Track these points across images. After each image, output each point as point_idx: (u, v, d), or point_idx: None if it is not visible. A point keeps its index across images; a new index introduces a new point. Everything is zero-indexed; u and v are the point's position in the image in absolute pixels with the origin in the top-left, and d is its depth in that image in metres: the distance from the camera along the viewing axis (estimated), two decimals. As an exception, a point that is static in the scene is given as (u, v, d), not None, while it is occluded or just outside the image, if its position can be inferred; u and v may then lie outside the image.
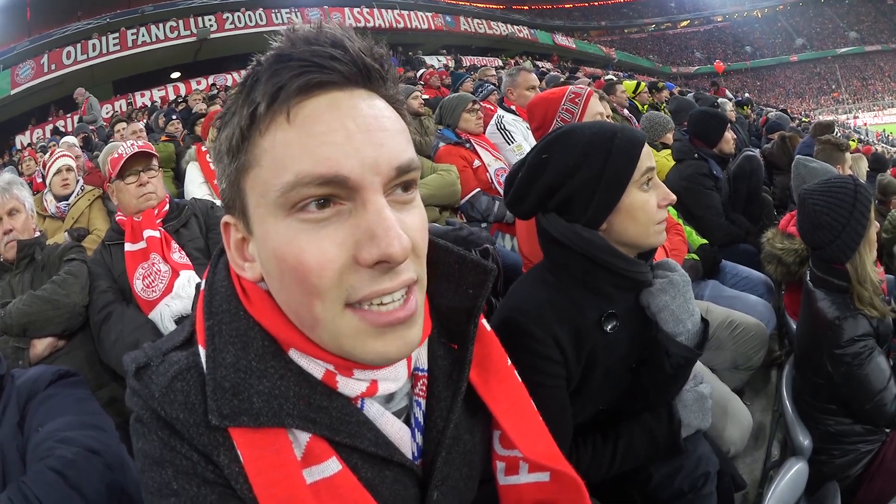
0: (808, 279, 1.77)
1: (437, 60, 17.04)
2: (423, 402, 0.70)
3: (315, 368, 0.61)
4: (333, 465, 0.60)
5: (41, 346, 1.83)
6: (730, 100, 9.38)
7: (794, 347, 1.94)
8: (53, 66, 14.75)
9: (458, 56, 17.79)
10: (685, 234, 2.52)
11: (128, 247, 1.95)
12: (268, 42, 0.57)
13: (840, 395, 1.66)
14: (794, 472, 1.54)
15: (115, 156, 2.01)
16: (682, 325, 1.12)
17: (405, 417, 0.70)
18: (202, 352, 0.60)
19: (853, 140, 13.67)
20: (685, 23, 44.51)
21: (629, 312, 1.17)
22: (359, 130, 0.55)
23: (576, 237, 1.10)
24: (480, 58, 19.66)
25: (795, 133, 4.75)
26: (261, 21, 17.87)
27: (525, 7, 34.66)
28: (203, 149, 3.36)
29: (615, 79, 7.83)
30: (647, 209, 1.10)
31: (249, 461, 0.57)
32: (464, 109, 3.16)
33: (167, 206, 2.07)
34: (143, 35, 16.22)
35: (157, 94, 15.37)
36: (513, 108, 3.54)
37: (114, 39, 15.81)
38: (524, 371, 0.82)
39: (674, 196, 1.14)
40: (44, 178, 3.42)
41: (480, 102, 3.44)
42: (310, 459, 0.59)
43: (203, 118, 4.45)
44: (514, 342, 1.07)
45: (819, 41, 41.64)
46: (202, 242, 2.05)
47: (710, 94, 8.72)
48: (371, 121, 0.56)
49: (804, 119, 19.34)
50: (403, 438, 0.67)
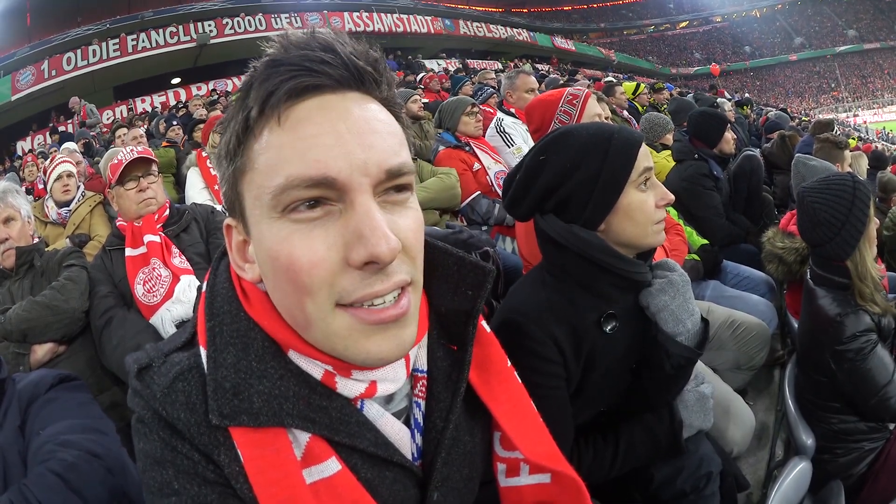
0: (809, 277, 1.77)
1: (437, 64, 17.07)
2: (423, 403, 0.70)
3: (314, 369, 0.62)
4: (333, 465, 0.60)
5: (41, 352, 1.83)
6: (728, 100, 9.39)
7: (796, 346, 1.94)
8: (54, 72, 14.78)
9: (465, 60, 17.76)
10: (685, 235, 2.52)
11: (128, 252, 1.95)
12: (267, 47, 0.58)
13: (844, 393, 1.66)
14: (798, 472, 1.54)
15: (115, 162, 2.02)
16: (682, 325, 1.12)
17: (405, 418, 0.70)
18: (203, 352, 0.61)
19: (853, 138, 13.65)
20: (684, 24, 44.55)
21: (629, 313, 1.17)
22: (349, 132, 0.56)
23: (574, 238, 1.10)
24: (480, 61, 19.72)
25: (795, 132, 4.74)
26: (260, 26, 17.89)
27: (524, 10, 34.75)
28: (203, 154, 3.36)
29: (615, 80, 7.84)
30: (645, 209, 1.10)
31: (249, 460, 0.57)
32: (463, 112, 3.17)
33: (167, 212, 2.07)
34: (144, 41, 16.27)
35: (158, 100, 15.44)
36: (512, 111, 3.54)
37: (114, 45, 15.85)
38: (524, 372, 0.81)
39: (672, 196, 1.15)
40: (45, 184, 3.43)
41: (480, 105, 3.44)
42: (309, 459, 0.60)
43: (203, 123, 4.45)
44: (514, 343, 1.07)
45: (818, 40, 41.62)
46: (203, 247, 2.05)
47: (710, 95, 8.70)
48: (362, 123, 0.57)
49: (804, 118, 19.31)
50: (403, 439, 0.67)
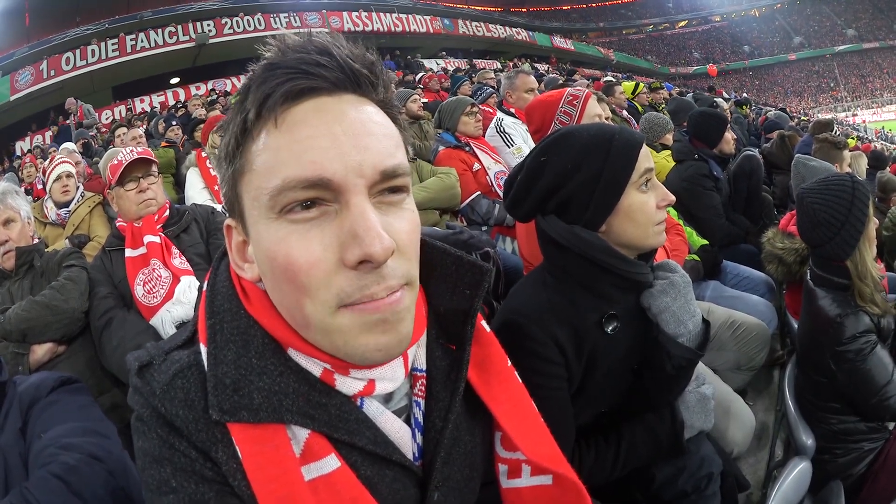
0: (809, 278, 1.77)
1: (436, 64, 17.06)
2: (423, 403, 0.70)
3: (313, 367, 0.62)
4: (332, 462, 0.60)
5: (40, 352, 1.83)
6: (726, 100, 9.39)
7: (796, 347, 1.94)
8: (53, 72, 14.75)
9: (473, 61, 17.60)
10: (686, 235, 2.52)
11: (128, 252, 1.94)
12: (267, 43, 0.59)
13: (844, 393, 1.66)
14: (798, 472, 1.54)
15: (115, 162, 2.01)
16: (684, 327, 1.12)
17: (405, 417, 0.70)
18: (203, 349, 0.61)
19: (852, 138, 13.66)
20: (683, 23, 44.57)
21: (630, 314, 1.17)
22: (344, 134, 0.56)
23: (575, 238, 1.10)
24: (479, 60, 19.70)
25: (794, 132, 4.75)
26: (259, 26, 17.86)
27: (523, 10, 34.73)
28: (203, 154, 3.34)
29: (614, 80, 7.84)
30: (646, 210, 1.10)
31: (248, 457, 0.57)
32: (462, 112, 3.16)
33: (167, 212, 2.06)
34: (142, 41, 16.24)
35: (157, 100, 15.42)
36: (512, 111, 3.53)
37: (113, 45, 15.82)
38: (525, 373, 0.81)
39: (672, 197, 1.15)
40: (44, 185, 3.42)
41: (479, 105, 3.44)
42: (308, 456, 0.60)
43: (203, 123, 4.45)
44: (515, 344, 1.07)
45: (817, 39, 41.65)
46: (203, 248, 2.04)
47: (709, 95, 8.71)
48: (357, 125, 0.57)
49: (803, 118, 19.34)
50: (404, 438, 0.67)
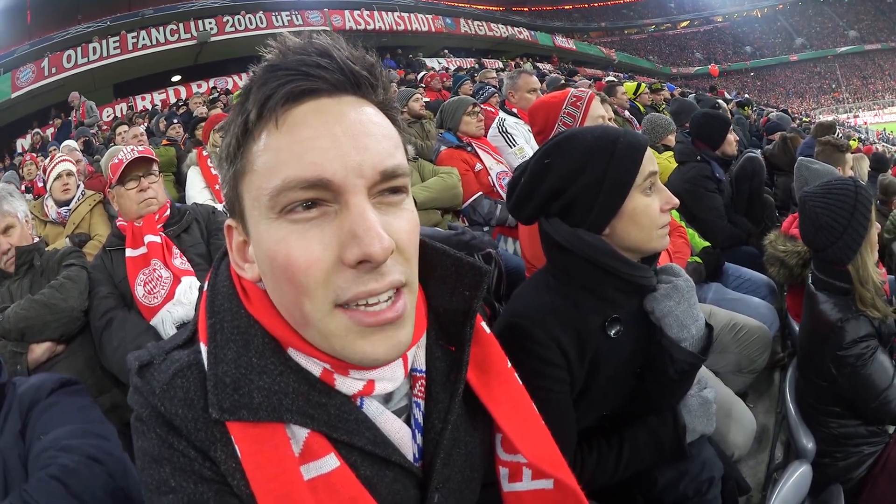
0: (811, 282, 1.77)
1: (438, 63, 17.02)
2: (422, 404, 0.71)
3: (313, 367, 0.62)
4: (331, 462, 0.60)
5: (39, 351, 1.82)
6: (727, 101, 9.37)
7: (797, 350, 1.94)
8: (54, 70, 14.69)
9: (481, 59, 17.47)
10: (688, 237, 2.52)
11: (129, 252, 1.93)
12: (268, 45, 0.60)
13: (845, 397, 1.66)
14: (798, 476, 1.54)
15: (115, 161, 2.00)
16: (687, 331, 1.11)
17: (405, 418, 0.70)
18: (203, 349, 0.62)
19: (854, 139, 13.65)
20: (685, 23, 44.48)
21: (633, 317, 1.16)
22: (344, 135, 0.57)
23: (579, 242, 1.10)
24: (482, 60, 19.68)
25: (797, 134, 4.75)
26: (261, 24, 17.79)
27: (525, 9, 34.64)
28: (204, 153, 3.34)
29: (615, 80, 7.83)
30: (650, 213, 1.10)
31: (247, 456, 0.57)
32: (464, 112, 3.16)
33: (168, 212, 2.05)
34: (144, 38, 16.19)
35: (158, 98, 15.36)
36: (514, 111, 3.53)
37: (114, 43, 15.78)
38: (528, 376, 0.81)
39: (676, 200, 1.14)
40: (44, 183, 3.42)
41: (481, 105, 3.43)
42: (307, 456, 0.60)
43: (204, 122, 4.44)
44: (518, 347, 1.07)
45: (819, 40, 41.58)
46: (203, 248, 2.03)
47: (711, 96, 8.70)
48: (357, 126, 0.58)
49: (804, 119, 19.32)
50: (404, 438, 0.67)
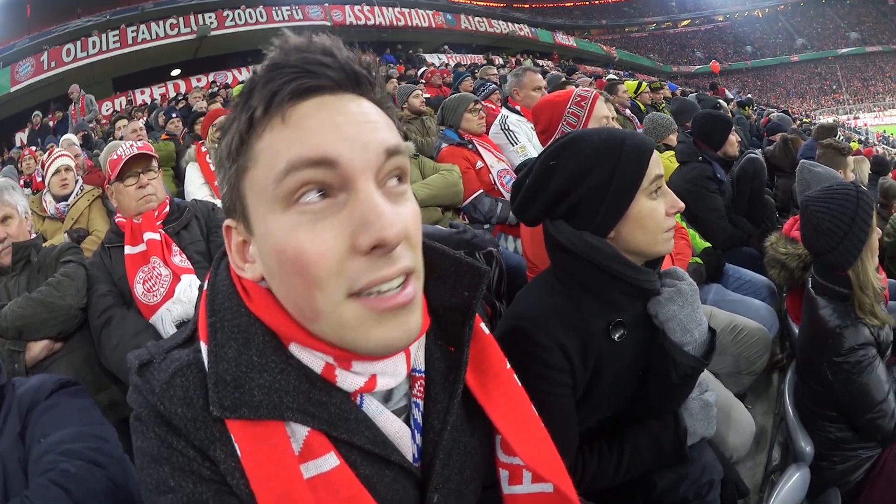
0: (811, 286, 1.77)
1: (438, 58, 16.97)
2: (421, 404, 0.70)
3: (315, 362, 0.62)
4: (331, 460, 0.60)
5: (37, 349, 1.81)
6: (728, 101, 9.36)
7: (796, 353, 1.94)
8: (53, 64, 14.61)
9: (490, 56, 17.14)
10: (689, 238, 2.52)
11: (128, 250, 1.91)
12: (268, 39, 0.60)
13: (840, 404, 1.67)
14: (796, 479, 1.55)
15: (114, 157, 1.98)
16: (690, 335, 1.11)
17: (405, 418, 0.70)
18: (204, 347, 0.61)
19: (854, 141, 13.67)
20: (686, 22, 44.40)
21: (636, 320, 1.16)
22: (347, 123, 0.58)
23: (584, 244, 1.09)
24: (481, 56, 19.63)
25: (798, 135, 4.74)
26: (261, 18, 17.71)
27: (526, 5, 34.53)
28: (203, 149, 3.31)
29: (616, 78, 7.82)
30: (656, 217, 1.10)
31: (247, 455, 0.57)
32: (466, 109, 3.14)
33: (167, 208, 2.03)
34: (144, 32, 16.09)
35: (158, 92, 15.30)
36: (517, 109, 3.51)
37: (114, 37, 15.69)
38: (530, 379, 0.81)
39: (682, 204, 1.14)
40: (43, 178, 3.40)
41: (482, 102, 3.41)
42: (307, 454, 0.60)
43: (203, 116, 4.42)
44: (520, 350, 1.07)
45: (820, 41, 41.53)
46: (203, 245, 2.01)
47: (711, 96, 8.70)
48: (359, 115, 0.60)
49: (805, 119, 19.32)
50: (403, 438, 0.67)
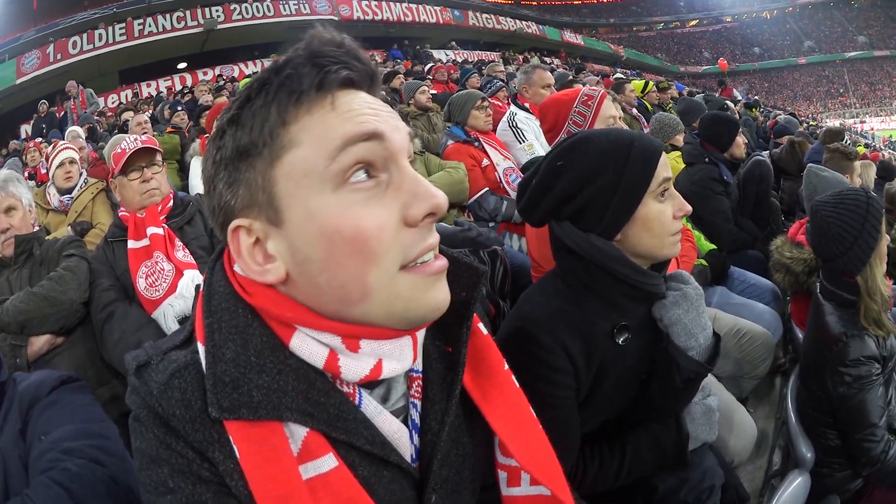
0: (818, 291, 1.76)
1: (445, 54, 16.92)
2: (419, 404, 0.70)
3: (319, 352, 0.61)
4: (330, 461, 0.60)
5: (38, 343, 1.80)
6: (735, 102, 9.31)
7: (800, 359, 1.93)
8: (59, 56, 14.60)
9: (507, 54, 16.96)
10: (695, 240, 2.50)
11: (131, 244, 1.90)
12: (276, 33, 0.60)
13: (836, 417, 1.67)
14: (796, 486, 1.55)
15: (118, 151, 1.97)
16: (694, 340, 1.10)
17: (403, 419, 0.69)
18: (201, 348, 0.61)
19: (860, 145, 13.60)
20: (694, 22, 44.20)
21: (640, 324, 1.15)
22: (381, 109, 0.63)
23: (590, 247, 1.08)
24: (489, 53, 19.58)
25: (805, 138, 4.71)
26: (268, 12, 17.64)
27: (534, 3, 34.45)
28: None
29: (624, 77, 7.78)
30: (663, 220, 1.09)
31: (246, 456, 0.57)
32: (473, 107, 3.13)
33: (171, 203, 2.02)
34: (150, 25, 16.08)
35: (164, 85, 15.29)
36: (526, 106, 3.49)
37: (120, 29, 15.68)
38: (533, 381, 0.81)
39: (689, 207, 1.13)
40: (47, 170, 3.41)
41: (489, 99, 3.40)
42: (306, 455, 0.59)
43: (209, 110, 4.42)
44: (524, 351, 1.06)
45: (827, 44, 41.26)
46: (206, 240, 2.00)
47: (718, 97, 8.66)
48: (383, 106, 0.64)
49: (811, 122, 19.21)
50: (402, 439, 0.67)
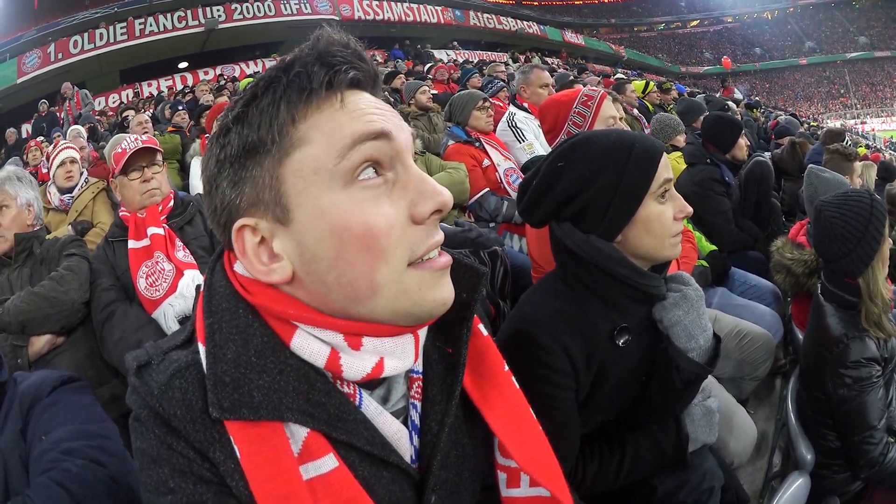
0: (820, 292, 1.76)
1: (446, 54, 16.91)
2: (419, 405, 0.70)
3: (320, 351, 0.61)
4: (330, 462, 0.60)
5: (39, 343, 1.80)
6: (736, 102, 9.30)
7: (800, 360, 1.93)
8: (60, 55, 14.60)
9: (514, 53, 16.83)
10: (695, 241, 2.50)
11: (131, 244, 1.90)
12: (277, 33, 0.60)
13: (835, 419, 1.67)
14: (796, 487, 1.55)
15: (119, 151, 1.97)
16: (695, 341, 1.10)
17: (403, 419, 0.69)
18: (202, 349, 0.61)
19: (861, 146, 13.58)
20: (695, 22, 44.16)
21: (641, 325, 1.15)
22: (385, 109, 0.64)
23: (590, 248, 1.08)
24: (490, 53, 19.57)
25: (806, 139, 4.70)
26: (269, 12, 17.62)
27: (535, 3, 34.43)
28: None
29: (625, 78, 7.78)
30: (664, 221, 1.09)
31: (246, 456, 0.57)
32: (474, 107, 3.13)
33: (172, 202, 2.02)
34: (151, 24, 16.07)
35: (165, 84, 15.28)
36: (525, 106, 3.50)
37: (121, 29, 15.68)
38: (533, 382, 0.80)
39: (690, 209, 1.13)
40: (48, 170, 3.41)
41: (490, 100, 3.40)
42: (306, 455, 0.59)
43: (209, 110, 4.42)
44: (524, 352, 1.06)
45: (828, 45, 41.22)
46: (207, 240, 2.00)
47: (719, 97, 8.66)
48: (387, 107, 0.65)
49: (812, 123, 19.18)
50: (402, 439, 0.67)
